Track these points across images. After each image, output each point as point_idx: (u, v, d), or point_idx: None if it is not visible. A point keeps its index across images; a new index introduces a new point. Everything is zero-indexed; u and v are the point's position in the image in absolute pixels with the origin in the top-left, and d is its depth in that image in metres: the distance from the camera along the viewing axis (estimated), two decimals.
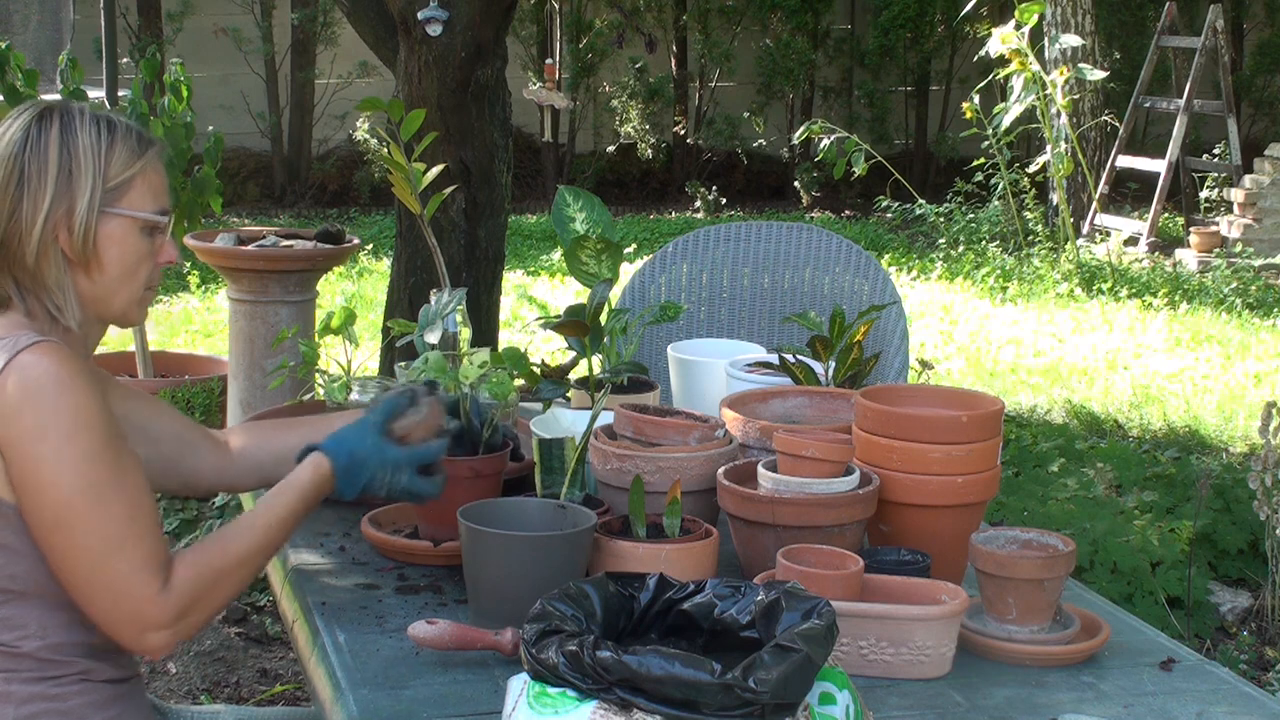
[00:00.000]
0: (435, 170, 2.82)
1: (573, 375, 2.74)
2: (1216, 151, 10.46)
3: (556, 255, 9.18)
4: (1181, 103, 9.89)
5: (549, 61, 11.15)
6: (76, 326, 1.95)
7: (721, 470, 2.22)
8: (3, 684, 1.87)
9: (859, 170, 8.59)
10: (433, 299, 2.56)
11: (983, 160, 9.68)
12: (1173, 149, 9.90)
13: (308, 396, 2.95)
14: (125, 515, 1.84)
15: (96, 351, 2.10)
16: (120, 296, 1.97)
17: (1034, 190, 9.61)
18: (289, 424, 2.28)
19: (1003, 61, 8.70)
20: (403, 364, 2.53)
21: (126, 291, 1.97)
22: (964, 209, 9.84)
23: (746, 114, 12.25)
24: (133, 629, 1.85)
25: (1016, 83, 8.68)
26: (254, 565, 1.95)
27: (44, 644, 1.88)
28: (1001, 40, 8.59)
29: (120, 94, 6.82)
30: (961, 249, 9.47)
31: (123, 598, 1.84)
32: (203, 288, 8.23)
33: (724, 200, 11.64)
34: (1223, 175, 10.35)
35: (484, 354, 2.33)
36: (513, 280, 8.42)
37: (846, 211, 11.56)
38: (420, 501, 2.13)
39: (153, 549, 1.85)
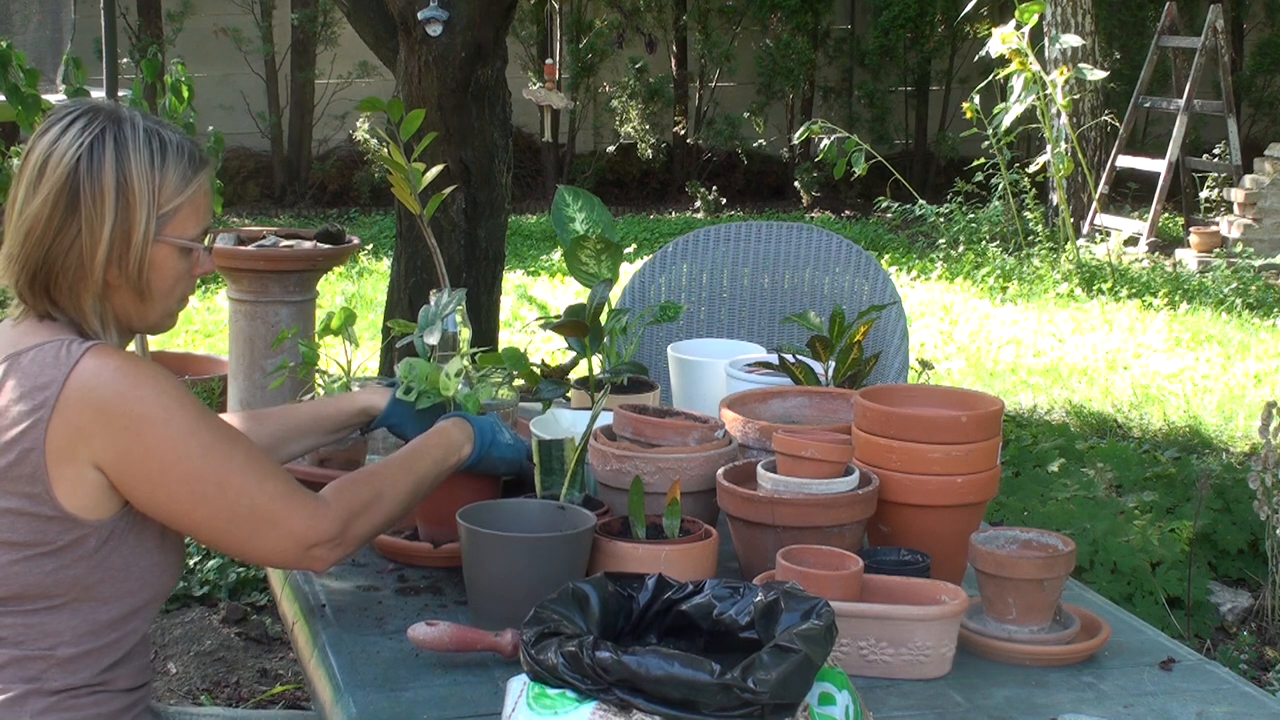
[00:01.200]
0: (435, 170, 2.81)
1: (573, 375, 2.74)
2: (1216, 151, 10.46)
3: (556, 255, 9.18)
4: (1181, 103, 9.89)
5: (549, 61, 11.16)
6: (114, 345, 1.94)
7: (721, 471, 2.21)
8: (20, 692, 1.86)
9: (859, 170, 8.59)
10: (433, 299, 2.56)
11: (983, 160, 9.68)
12: (1173, 149, 9.90)
13: (308, 397, 2.95)
14: (246, 456, 1.88)
15: None
16: (155, 314, 1.97)
17: (1034, 190, 9.61)
18: (258, 419, 2.28)
19: (1003, 61, 8.70)
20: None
21: (161, 308, 1.97)
22: (964, 209, 9.84)
23: (746, 114, 12.25)
24: (298, 548, 1.90)
25: (1016, 83, 8.68)
26: (402, 497, 2.02)
27: (76, 651, 1.89)
28: (1001, 40, 8.59)
29: (120, 94, 6.82)
30: (961, 249, 9.47)
31: (284, 521, 1.88)
32: (203, 288, 8.22)
33: (724, 200, 11.64)
34: (1223, 175, 10.35)
35: (458, 363, 2.32)
36: (513, 280, 8.42)
37: (846, 211, 11.56)
38: (513, 470, 2.21)
39: (286, 479, 1.91)
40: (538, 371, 2.60)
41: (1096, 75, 9.21)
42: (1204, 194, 10.60)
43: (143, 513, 1.88)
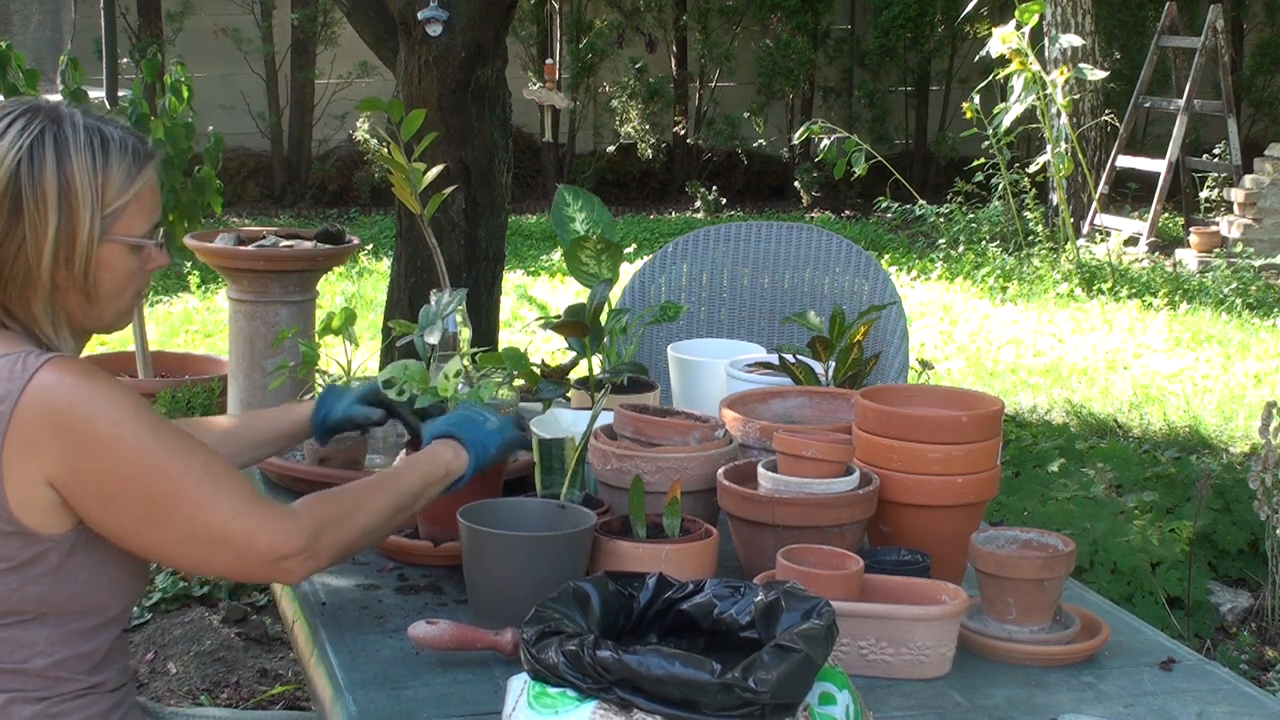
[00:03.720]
0: (435, 170, 2.81)
1: (573, 375, 2.74)
2: (1216, 151, 10.46)
3: (556, 255, 9.19)
4: (1181, 103, 9.89)
5: (549, 61, 11.16)
6: (70, 349, 1.91)
7: (721, 470, 2.22)
8: (7, 703, 1.84)
9: (859, 170, 8.59)
10: (433, 299, 2.56)
11: (983, 160, 9.69)
12: (1173, 149, 9.90)
13: (308, 396, 2.95)
14: (203, 470, 1.83)
15: (97, 352, 2.09)
16: (109, 313, 1.93)
17: (1034, 190, 9.61)
18: (206, 428, 2.27)
19: (1003, 61, 8.70)
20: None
21: (115, 307, 1.93)
22: (964, 209, 9.85)
23: (746, 114, 12.25)
24: (263, 563, 1.85)
25: (1017, 83, 8.69)
26: (377, 518, 1.97)
27: (51, 661, 1.87)
28: (1002, 40, 8.59)
29: (120, 94, 6.82)
30: (961, 249, 9.48)
31: (245, 538, 1.83)
32: (203, 288, 8.23)
33: (724, 200, 11.64)
34: (1223, 175, 10.35)
35: (458, 363, 2.32)
36: (513, 280, 8.42)
37: (846, 211, 11.56)
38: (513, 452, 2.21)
39: (249, 489, 1.86)
40: (538, 371, 2.60)
41: (1096, 75, 9.22)
42: (1204, 194, 10.60)
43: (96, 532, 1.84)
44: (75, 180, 1.84)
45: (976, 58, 9.58)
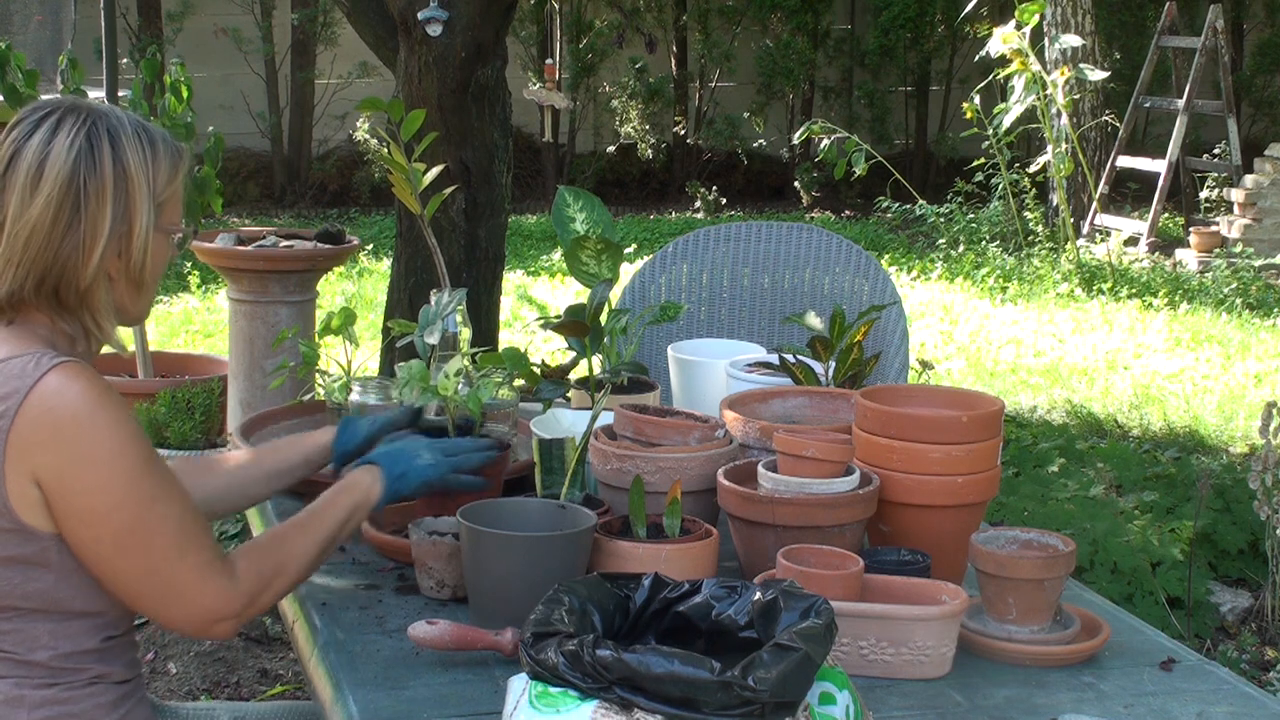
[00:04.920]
0: (435, 170, 2.81)
1: (573, 375, 2.74)
2: (1216, 151, 10.46)
3: (556, 255, 9.18)
4: (1181, 103, 9.89)
5: (549, 61, 11.15)
6: (114, 342, 1.94)
7: (721, 470, 2.21)
8: (14, 689, 1.86)
9: (859, 170, 8.59)
10: (433, 299, 2.56)
11: (983, 160, 9.69)
12: (1173, 149, 9.90)
13: (308, 397, 2.95)
14: (179, 519, 1.85)
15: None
16: (144, 303, 1.97)
17: (1034, 190, 9.61)
18: (215, 462, 2.27)
19: (1003, 61, 8.70)
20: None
21: (149, 298, 1.97)
22: (964, 209, 9.84)
23: (746, 114, 12.25)
24: (203, 622, 1.88)
25: (1017, 83, 8.69)
26: (308, 561, 1.98)
27: (54, 654, 1.88)
28: (1002, 40, 8.59)
29: (120, 94, 6.82)
30: (961, 249, 9.48)
31: (195, 596, 1.86)
32: (203, 288, 8.23)
33: (724, 200, 11.64)
34: (1223, 175, 10.35)
35: (458, 363, 2.32)
36: (513, 280, 8.42)
37: (846, 211, 11.56)
38: (441, 488, 2.18)
39: (212, 546, 1.88)
40: (538, 371, 2.60)
41: (1097, 75, 9.21)
42: (1204, 194, 10.60)
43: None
44: (131, 170, 1.88)
45: (976, 58, 9.58)
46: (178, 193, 1.95)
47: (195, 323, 7.59)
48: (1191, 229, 9.78)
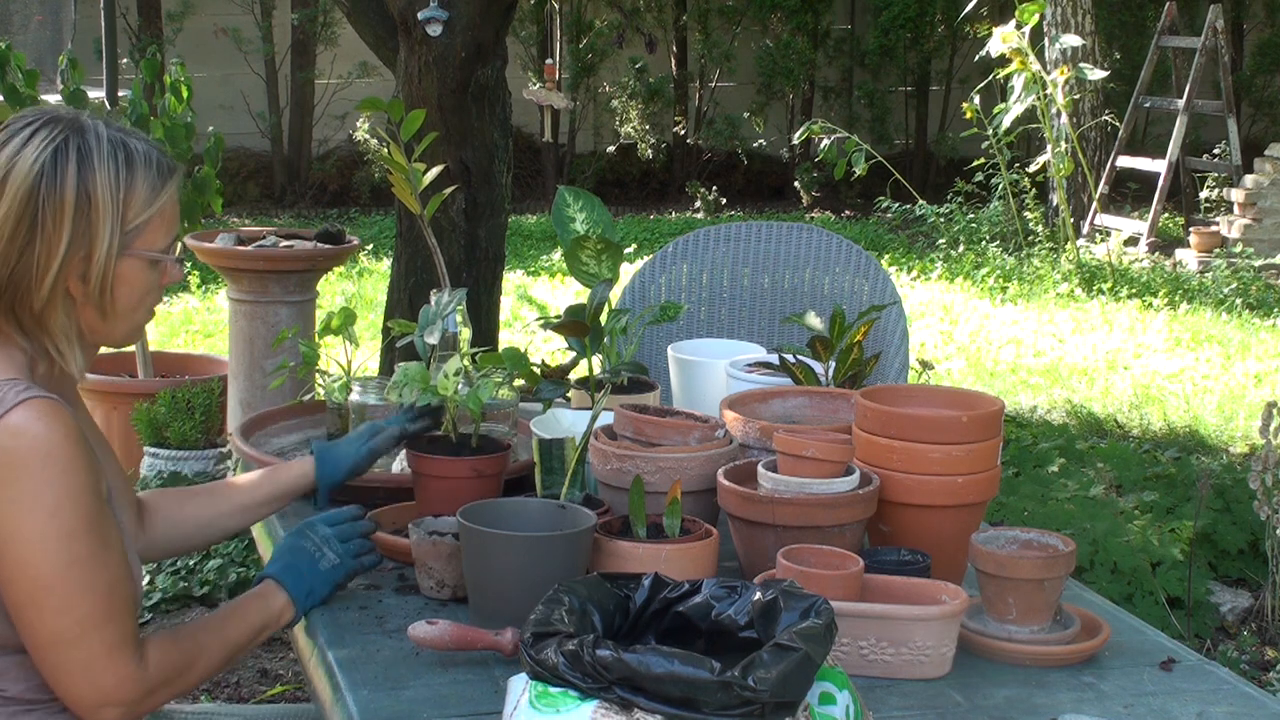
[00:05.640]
0: (435, 170, 2.81)
1: (573, 375, 2.74)
2: (1216, 151, 10.46)
3: (556, 255, 9.19)
4: (1181, 103, 9.89)
5: (549, 61, 11.15)
6: (77, 369, 1.89)
7: (721, 470, 2.21)
8: None
9: (859, 170, 8.59)
10: (433, 299, 2.56)
11: (983, 160, 9.69)
12: (1173, 149, 9.90)
13: (308, 396, 2.95)
14: (104, 593, 1.79)
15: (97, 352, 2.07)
16: (122, 328, 1.92)
17: (1034, 190, 9.61)
18: (189, 494, 2.25)
19: (1003, 61, 8.70)
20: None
21: (129, 323, 1.92)
22: (964, 209, 9.85)
23: (746, 114, 12.25)
24: (94, 704, 1.81)
25: (1017, 83, 8.69)
26: (215, 665, 1.95)
27: (26, 686, 1.86)
28: (1002, 40, 8.59)
29: (120, 94, 6.82)
30: (961, 249, 9.48)
31: (96, 674, 1.80)
32: (203, 288, 8.23)
33: (724, 200, 11.64)
34: (1223, 175, 10.35)
35: (458, 363, 2.32)
36: (513, 280, 8.43)
37: (846, 211, 11.56)
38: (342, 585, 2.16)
39: (127, 627, 1.82)
40: (538, 371, 2.60)
41: (1096, 75, 9.22)
42: (1204, 194, 10.60)
43: None
44: (97, 193, 1.82)
45: (976, 58, 9.58)
46: (165, 214, 1.88)
47: (195, 323, 7.59)
48: (1191, 229, 9.78)
